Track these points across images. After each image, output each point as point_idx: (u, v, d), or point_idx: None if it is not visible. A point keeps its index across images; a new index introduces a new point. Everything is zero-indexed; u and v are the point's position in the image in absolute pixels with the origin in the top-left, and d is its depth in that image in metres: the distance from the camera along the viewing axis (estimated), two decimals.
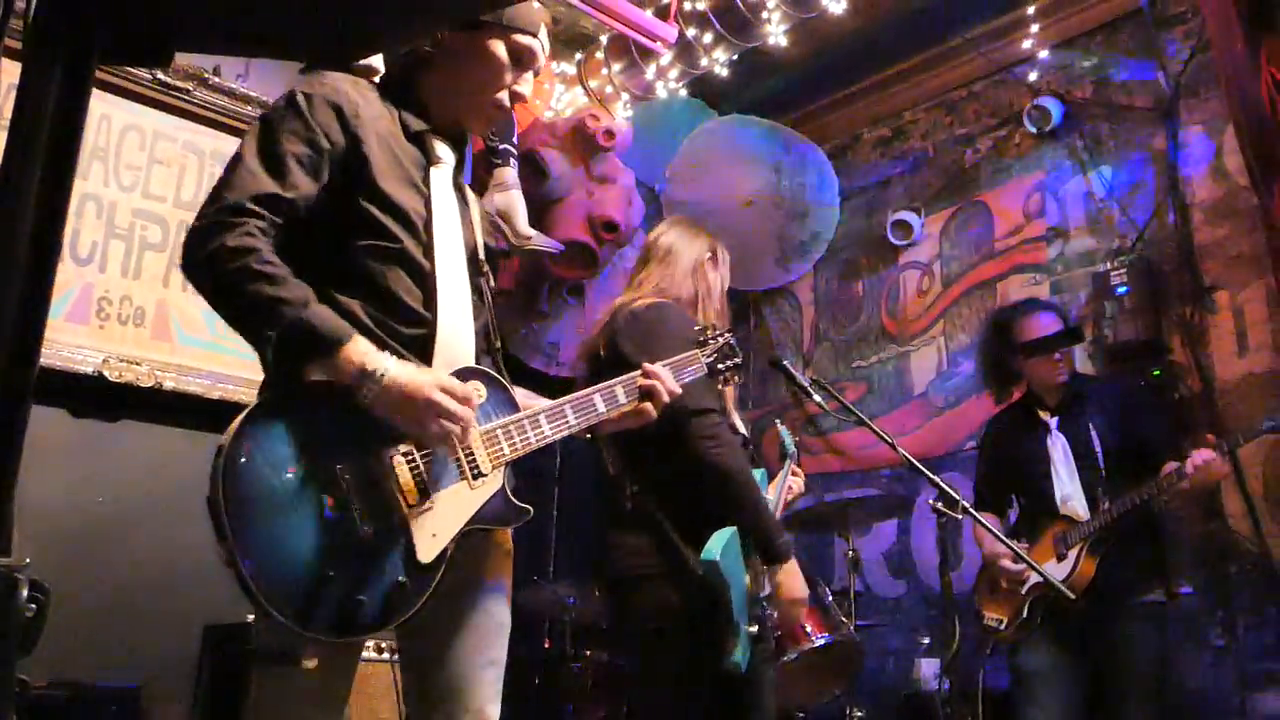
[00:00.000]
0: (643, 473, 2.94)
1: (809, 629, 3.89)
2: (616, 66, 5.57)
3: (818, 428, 6.41)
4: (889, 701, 5.28)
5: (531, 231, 5.05)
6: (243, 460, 1.72)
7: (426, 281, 2.02)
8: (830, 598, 4.21)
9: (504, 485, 2.03)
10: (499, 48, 2.16)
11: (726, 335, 2.69)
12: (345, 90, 2.01)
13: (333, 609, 1.77)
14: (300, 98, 1.96)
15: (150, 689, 3.78)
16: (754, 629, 2.81)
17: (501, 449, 2.01)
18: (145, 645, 3.90)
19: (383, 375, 1.80)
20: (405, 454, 1.87)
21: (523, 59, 2.20)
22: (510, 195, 5.02)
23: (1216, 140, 5.03)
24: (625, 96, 5.70)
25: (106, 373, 4.06)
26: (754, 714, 2.90)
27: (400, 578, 1.83)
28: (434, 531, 1.88)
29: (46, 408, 3.94)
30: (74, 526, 3.86)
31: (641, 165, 6.04)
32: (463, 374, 1.99)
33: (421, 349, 1.98)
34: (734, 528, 2.83)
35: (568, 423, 2.15)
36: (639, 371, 2.33)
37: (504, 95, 2.19)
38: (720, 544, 2.74)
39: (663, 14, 5.17)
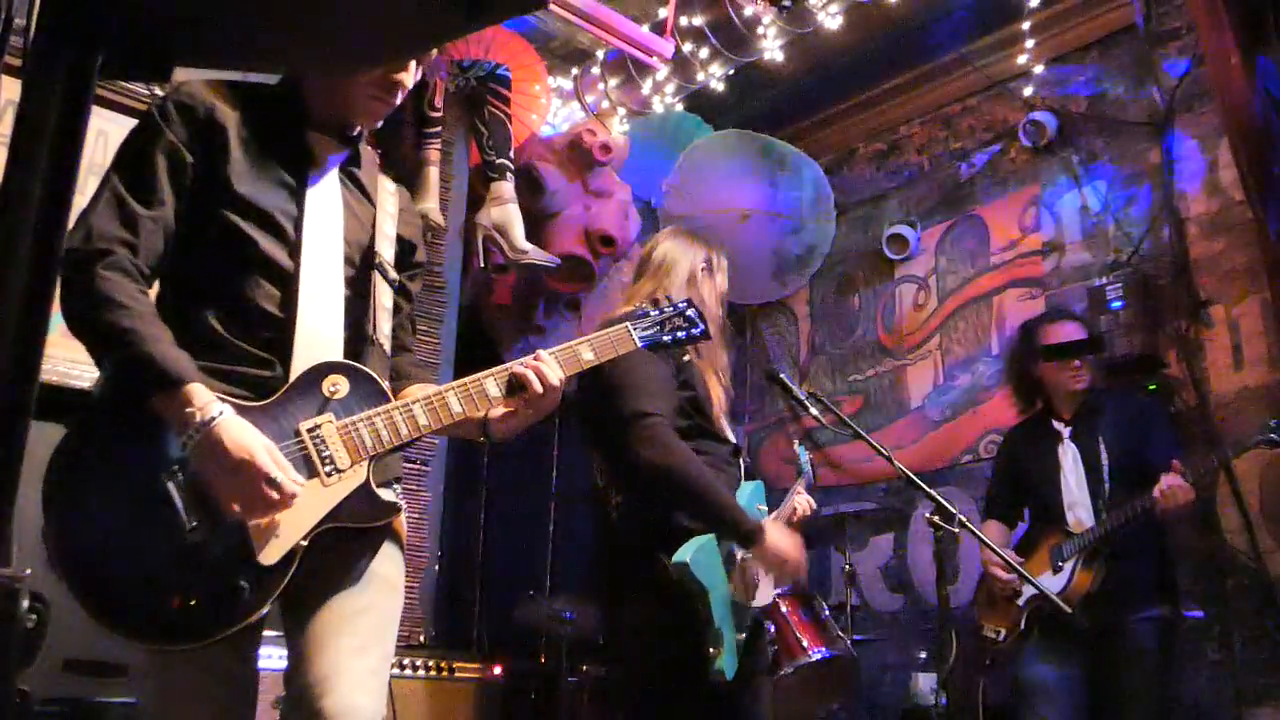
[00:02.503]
0: (625, 483, 2.92)
1: (805, 643, 3.88)
2: (613, 81, 5.59)
3: (814, 441, 6.41)
4: (886, 716, 5.28)
5: (528, 246, 5.06)
6: (64, 477, 1.71)
7: (288, 283, 1.96)
8: (827, 612, 4.20)
9: (368, 480, 1.93)
10: None
11: (680, 304, 2.47)
12: (202, 96, 1.97)
13: (164, 618, 1.74)
14: (155, 113, 1.94)
15: None
16: (741, 637, 2.80)
17: (363, 441, 1.92)
18: (143, 657, 3.87)
19: (210, 422, 1.73)
20: None
21: None
22: (507, 210, 5.04)
23: (1211, 155, 5.04)
24: (622, 111, 5.72)
25: None
26: None
27: (239, 581, 1.77)
28: (277, 532, 1.81)
29: (43, 423, 3.92)
30: None
31: (638, 179, 6.06)
32: (321, 369, 1.93)
33: (279, 351, 1.93)
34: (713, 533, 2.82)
35: (450, 410, 2.01)
36: (514, 362, 2.14)
37: (380, 86, 2.08)
38: (693, 548, 2.72)
39: (659, 29, 5.19)
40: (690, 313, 2.46)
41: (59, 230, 0.82)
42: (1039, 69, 5.70)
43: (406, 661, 4.08)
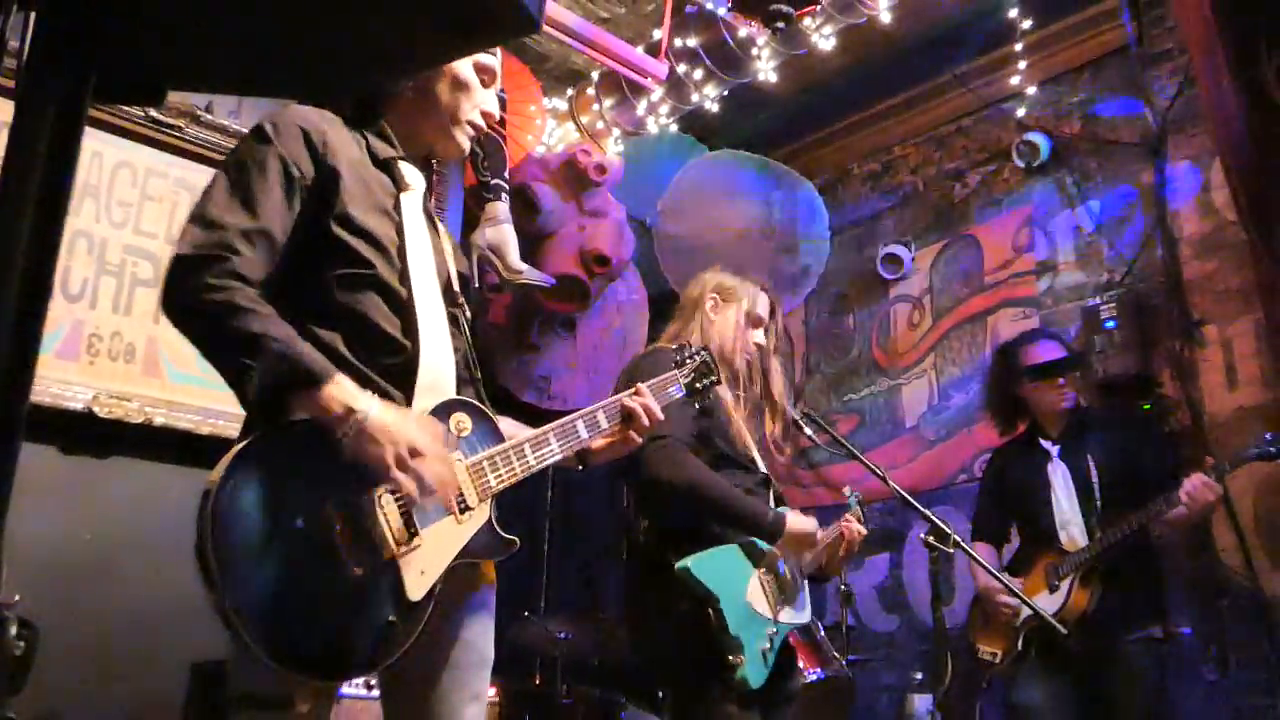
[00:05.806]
0: (648, 505, 3.03)
1: (801, 664, 3.87)
2: (608, 102, 5.60)
3: (809, 461, 6.41)
4: None
5: (523, 265, 5.06)
6: (229, 505, 1.68)
7: (405, 308, 1.98)
8: (823, 633, 4.19)
9: (490, 517, 2.00)
10: (465, 67, 2.16)
11: (702, 353, 2.67)
12: (312, 119, 1.99)
13: (324, 652, 1.74)
14: (268, 128, 1.94)
15: None
16: (767, 648, 2.84)
17: (488, 481, 1.99)
18: (133, 683, 3.86)
19: (363, 417, 1.76)
20: (393, 491, 1.83)
21: (485, 78, 2.21)
22: (502, 229, 5.04)
23: (1203, 175, 5.06)
24: (616, 132, 5.73)
25: (97, 409, 4.04)
26: None
27: (390, 617, 1.80)
28: (422, 569, 1.85)
29: (36, 445, 3.92)
30: (63, 563, 3.83)
31: (633, 200, 6.07)
32: (447, 406, 1.97)
33: (403, 377, 1.94)
34: (731, 545, 2.89)
35: (552, 450, 2.12)
36: (622, 395, 2.33)
37: (476, 114, 2.19)
38: (700, 555, 2.81)
39: (654, 50, 5.20)
40: (709, 359, 2.67)
41: (52, 252, 0.82)
42: (1032, 90, 5.73)
43: None
